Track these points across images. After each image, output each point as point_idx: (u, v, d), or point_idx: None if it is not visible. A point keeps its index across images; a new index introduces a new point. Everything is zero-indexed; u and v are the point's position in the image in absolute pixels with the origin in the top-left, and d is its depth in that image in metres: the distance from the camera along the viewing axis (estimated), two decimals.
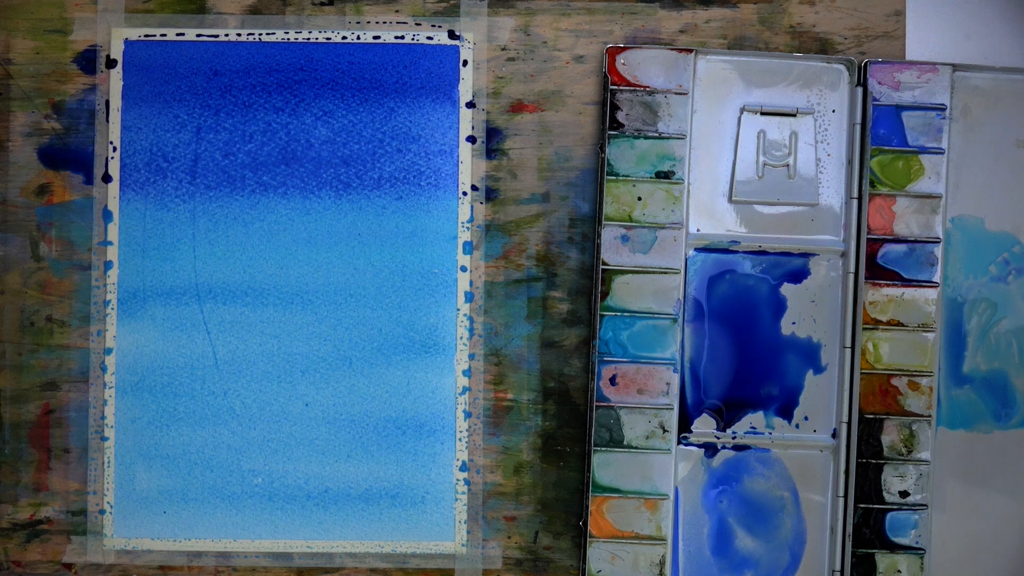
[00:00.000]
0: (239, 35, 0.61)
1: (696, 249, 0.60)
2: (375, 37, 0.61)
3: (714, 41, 0.61)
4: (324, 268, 0.60)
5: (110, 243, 0.60)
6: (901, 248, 0.59)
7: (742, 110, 0.60)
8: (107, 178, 0.61)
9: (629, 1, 0.61)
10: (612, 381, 0.59)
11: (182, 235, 0.60)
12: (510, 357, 0.61)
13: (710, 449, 0.60)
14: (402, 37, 0.61)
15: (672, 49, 0.59)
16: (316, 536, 0.60)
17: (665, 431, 0.59)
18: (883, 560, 0.59)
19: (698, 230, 0.60)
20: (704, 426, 0.60)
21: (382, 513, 0.60)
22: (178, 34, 0.61)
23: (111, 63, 0.61)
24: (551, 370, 0.61)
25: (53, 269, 0.61)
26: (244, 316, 0.60)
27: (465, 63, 0.61)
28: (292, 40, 0.61)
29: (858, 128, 0.59)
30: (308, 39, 0.61)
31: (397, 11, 0.61)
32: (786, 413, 0.60)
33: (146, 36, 0.61)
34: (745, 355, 0.60)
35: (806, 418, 0.60)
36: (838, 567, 0.59)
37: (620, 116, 0.59)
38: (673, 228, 0.59)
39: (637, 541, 0.59)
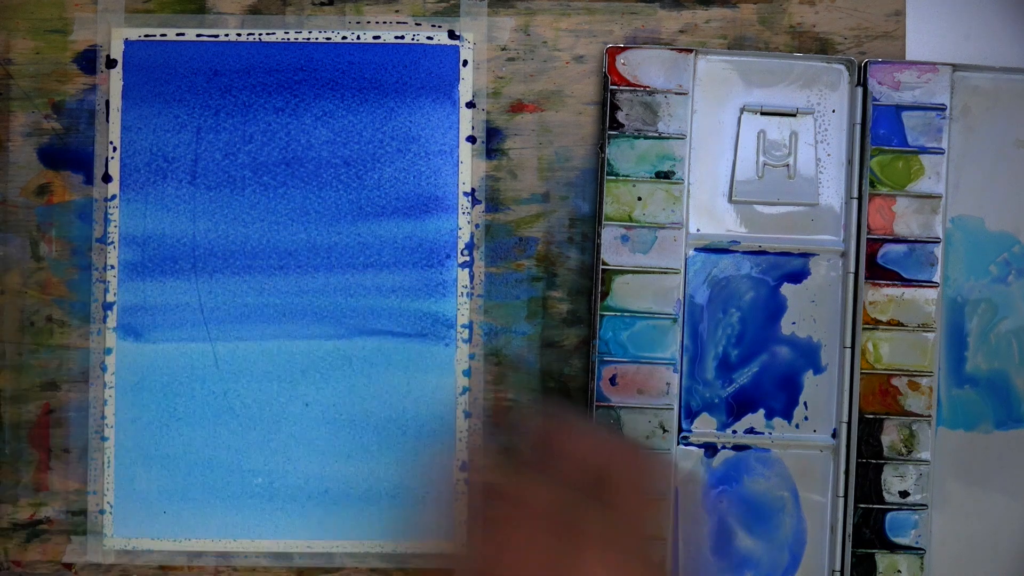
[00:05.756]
0: (239, 35, 0.61)
1: (696, 249, 0.60)
2: (375, 37, 0.61)
3: (714, 41, 0.61)
4: (325, 268, 0.60)
5: (110, 243, 0.60)
6: (901, 248, 0.59)
7: (742, 110, 0.60)
8: (107, 178, 0.61)
9: (629, 1, 0.61)
10: (612, 381, 0.59)
11: (182, 235, 0.60)
12: (510, 357, 0.61)
13: (710, 449, 0.60)
14: (402, 37, 0.61)
15: (672, 49, 0.59)
16: (316, 536, 0.60)
17: (665, 431, 0.59)
18: (883, 560, 0.59)
19: (698, 230, 0.60)
20: (704, 426, 0.60)
21: (382, 513, 0.60)
22: (178, 34, 0.61)
23: (111, 63, 0.61)
24: (551, 370, 0.61)
25: (53, 269, 0.61)
26: (244, 316, 0.60)
27: (465, 63, 0.61)
28: (292, 40, 0.61)
29: (858, 128, 0.59)
30: (308, 39, 0.61)
31: (397, 11, 0.61)
32: (786, 413, 0.60)
33: (146, 36, 0.61)
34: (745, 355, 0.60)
35: (806, 418, 0.60)
36: (838, 567, 0.59)
37: (620, 116, 0.59)
38: (673, 228, 0.59)
39: None
